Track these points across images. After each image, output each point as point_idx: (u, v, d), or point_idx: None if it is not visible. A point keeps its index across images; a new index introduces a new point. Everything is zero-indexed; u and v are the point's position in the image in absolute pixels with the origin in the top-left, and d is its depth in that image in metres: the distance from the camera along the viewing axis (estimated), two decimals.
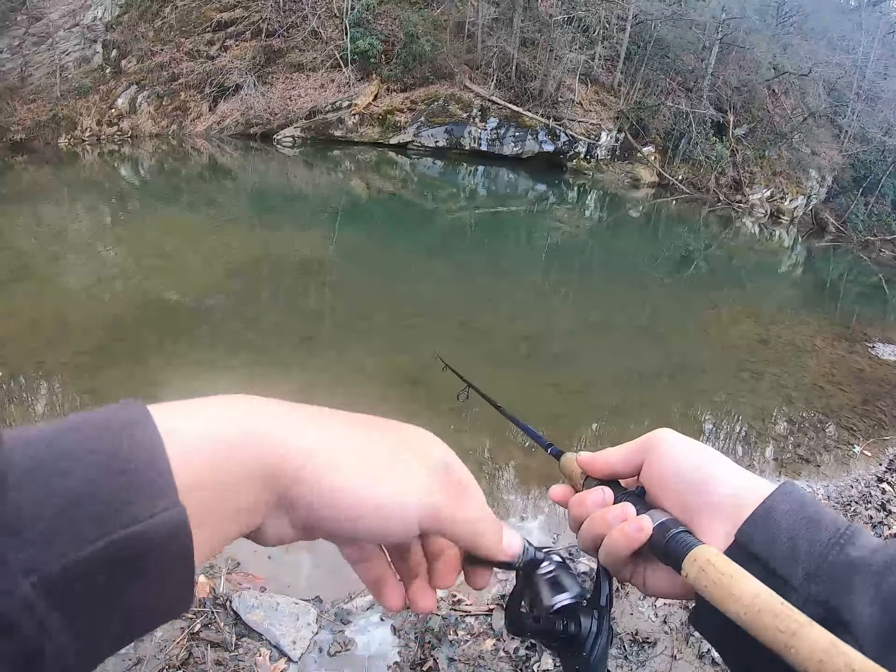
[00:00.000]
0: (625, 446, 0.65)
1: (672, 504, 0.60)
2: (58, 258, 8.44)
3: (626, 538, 0.58)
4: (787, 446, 5.79)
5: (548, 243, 13.28)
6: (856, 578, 0.49)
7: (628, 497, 0.63)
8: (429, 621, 3.02)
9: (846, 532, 0.52)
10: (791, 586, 0.51)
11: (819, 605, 0.49)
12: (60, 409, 5.14)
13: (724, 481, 0.59)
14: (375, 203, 14.65)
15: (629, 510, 0.60)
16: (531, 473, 4.61)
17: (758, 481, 0.59)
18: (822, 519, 0.54)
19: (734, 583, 0.49)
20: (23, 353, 5.64)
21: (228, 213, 12.04)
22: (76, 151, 16.52)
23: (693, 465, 0.60)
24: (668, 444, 0.63)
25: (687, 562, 0.53)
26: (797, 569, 0.51)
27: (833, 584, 0.50)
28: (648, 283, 11.08)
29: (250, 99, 18.83)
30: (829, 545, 0.52)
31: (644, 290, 10.46)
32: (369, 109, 19.34)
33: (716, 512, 0.58)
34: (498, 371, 6.06)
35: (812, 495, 0.58)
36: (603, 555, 0.60)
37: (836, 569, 0.50)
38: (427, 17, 20.51)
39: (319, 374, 5.74)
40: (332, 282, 8.57)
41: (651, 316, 9.20)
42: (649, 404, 6.19)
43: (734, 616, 0.48)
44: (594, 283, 10.37)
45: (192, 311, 6.83)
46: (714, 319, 9.36)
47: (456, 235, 12.64)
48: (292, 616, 2.96)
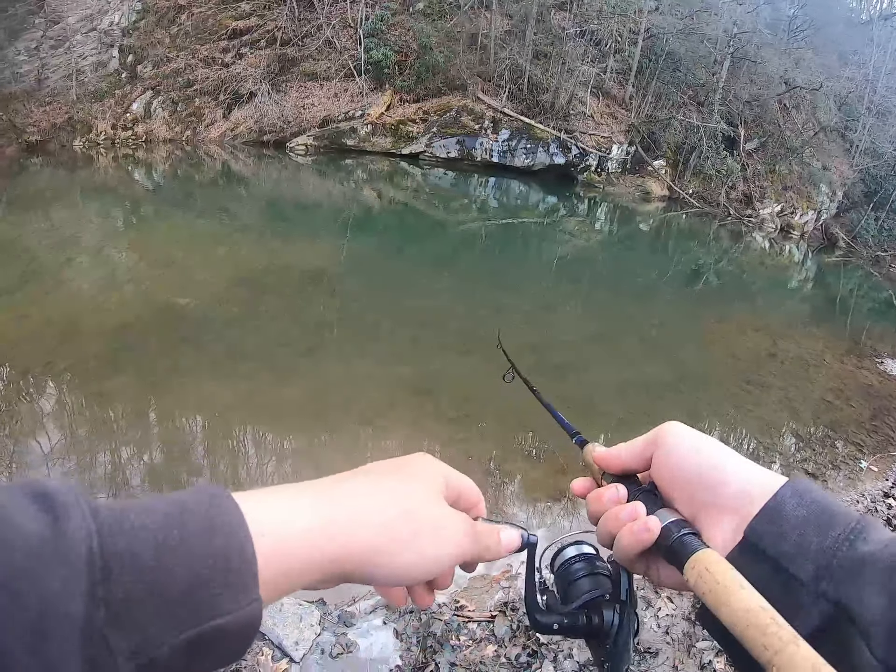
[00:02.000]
0: (635, 442, 0.67)
1: (681, 499, 0.61)
2: (70, 262, 8.49)
3: (635, 538, 0.59)
4: (793, 461, 5.77)
5: (558, 255, 13.28)
6: (865, 573, 0.49)
7: (641, 494, 0.64)
8: (431, 626, 3.03)
9: (857, 527, 0.52)
10: (800, 582, 0.51)
11: (829, 601, 0.49)
12: (69, 410, 5.16)
13: (733, 475, 0.59)
14: (387, 213, 14.70)
15: (639, 509, 0.61)
16: (536, 483, 4.61)
17: (767, 475, 0.59)
18: (833, 514, 0.53)
19: (728, 594, 0.50)
20: (34, 355, 5.69)
21: (240, 220, 12.11)
22: (90, 154, 16.67)
23: (701, 459, 0.61)
24: (676, 438, 0.63)
25: (687, 567, 0.54)
26: (807, 565, 0.51)
27: (843, 580, 0.49)
28: (657, 295, 11.07)
29: (264, 107, 18.96)
30: (840, 541, 0.51)
31: (653, 302, 10.45)
32: (382, 119, 19.43)
33: (724, 507, 0.58)
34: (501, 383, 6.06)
35: (822, 489, 0.57)
36: (616, 551, 0.62)
37: (845, 565, 0.50)
38: (441, 29, 20.63)
39: (327, 383, 5.77)
40: (341, 291, 8.60)
41: (659, 328, 9.18)
42: (654, 415, 6.16)
43: (727, 625, 0.49)
44: (603, 295, 10.36)
45: (201, 318, 6.86)
46: (722, 333, 9.33)
47: (466, 246, 12.66)
48: (296, 617, 2.98)
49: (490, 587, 3.39)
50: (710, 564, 0.53)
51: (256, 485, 4.45)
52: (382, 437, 5.10)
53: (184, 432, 5.04)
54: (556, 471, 4.67)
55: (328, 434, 5.08)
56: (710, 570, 0.52)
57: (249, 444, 5.01)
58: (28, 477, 4.22)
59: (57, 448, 4.58)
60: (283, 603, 3.03)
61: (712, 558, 0.53)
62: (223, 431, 5.05)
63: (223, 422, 5.14)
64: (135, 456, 4.66)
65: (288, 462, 4.78)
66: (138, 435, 4.85)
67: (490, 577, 3.47)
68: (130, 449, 4.71)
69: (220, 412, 5.22)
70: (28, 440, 4.69)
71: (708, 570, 0.52)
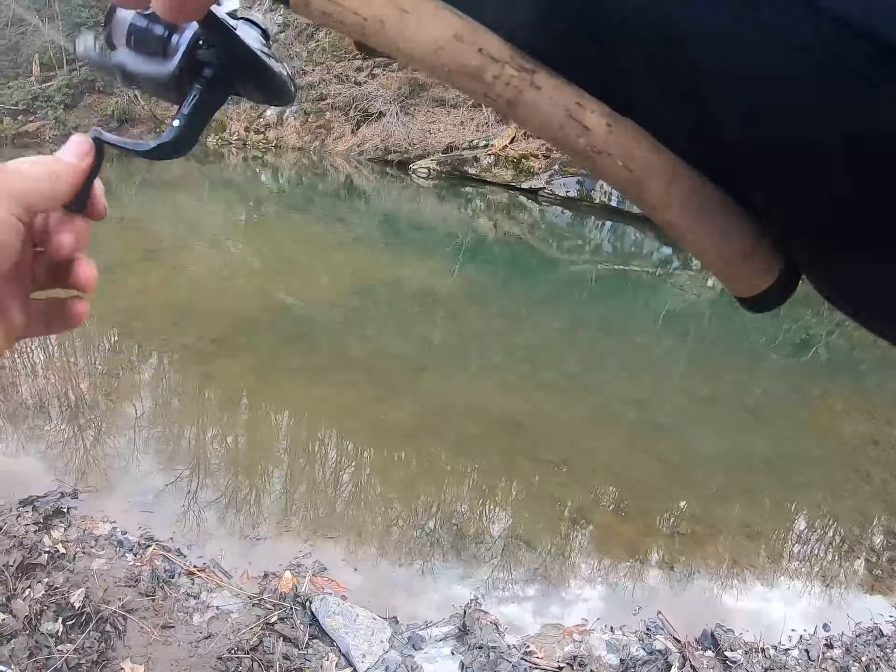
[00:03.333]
0: None
1: None
2: (190, 247, 8.79)
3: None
4: (881, 560, 5.37)
5: (666, 308, 12.97)
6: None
7: None
8: (498, 665, 2.95)
9: None
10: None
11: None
12: (176, 385, 5.31)
13: None
14: (501, 243, 14.73)
15: None
16: (617, 540, 4.42)
17: None
18: None
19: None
20: (149, 330, 5.91)
21: (357, 231, 12.40)
22: (222, 152, 17.46)
23: None
24: None
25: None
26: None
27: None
28: (763, 361, 10.63)
29: (391, 127, 19.41)
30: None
31: (758, 368, 10.03)
32: (505, 152, 19.55)
33: None
34: (602, 431, 5.91)
35: None
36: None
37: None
38: None
39: (425, 403, 5.78)
40: (448, 314, 8.62)
41: (761, 397, 8.80)
42: (744, 489, 5.87)
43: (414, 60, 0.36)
44: (707, 354, 10.04)
45: (312, 320, 7.00)
46: (825, 410, 8.86)
47: (575, 287, 12.53)
48: (368, 630, 2.96)
49: (562, 638, 3.28)
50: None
51: (329, 488, 4.51)
52: (468, 467, 5.05)
53: (274, 425, 5.14)
54: (640, 531, 4.49)
55: (414, 454, 5.08)
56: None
57: (332, 449, 5.06)
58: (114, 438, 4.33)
59: (147, 415, 4.74)
60: (359, 614, 3.03)
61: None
62: (309, 432, 5.15)
63: (312, 422, 5.26)
64: (218, 437, 4.80)
65: (365, 473, 4.81)
66: (230, 419, 4.98)
67: (563, 628, 3.35)
68: (217, 429, 4.88)
69: (313, 412, 5.34)
70: (124, 405, 4.87)
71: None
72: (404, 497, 4.50)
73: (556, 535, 4.26)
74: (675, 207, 0.37)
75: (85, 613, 2.89)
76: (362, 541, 3.80)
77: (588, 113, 0.35)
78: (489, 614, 3.27)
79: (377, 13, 0.34)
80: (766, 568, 4.38)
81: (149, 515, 3.66)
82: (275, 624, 2.94)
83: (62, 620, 2.84)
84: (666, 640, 3.31)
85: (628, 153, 0.36)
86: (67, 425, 4.55)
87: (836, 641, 3.54)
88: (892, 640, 3.60)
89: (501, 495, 4.81)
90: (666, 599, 3.72)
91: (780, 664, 3.28)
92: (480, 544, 3.93)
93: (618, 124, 0.36)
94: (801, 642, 3.51)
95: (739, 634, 3.44)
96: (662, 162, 0.36)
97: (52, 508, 3.56)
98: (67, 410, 4.79)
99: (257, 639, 2.86)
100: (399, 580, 3.49)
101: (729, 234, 0.39)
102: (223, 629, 2.90)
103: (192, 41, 0.45)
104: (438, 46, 0.34)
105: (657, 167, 0.36)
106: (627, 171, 0.36)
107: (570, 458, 5.28)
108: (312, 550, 3.55)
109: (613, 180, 0.37)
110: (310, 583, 3.23)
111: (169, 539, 3.48)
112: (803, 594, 4.15)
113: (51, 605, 2.91)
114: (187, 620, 2.95)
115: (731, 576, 4.16)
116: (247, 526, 3.73)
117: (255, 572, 3.29)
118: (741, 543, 4.53)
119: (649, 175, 0.36)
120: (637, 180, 0.37)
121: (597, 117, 0.36)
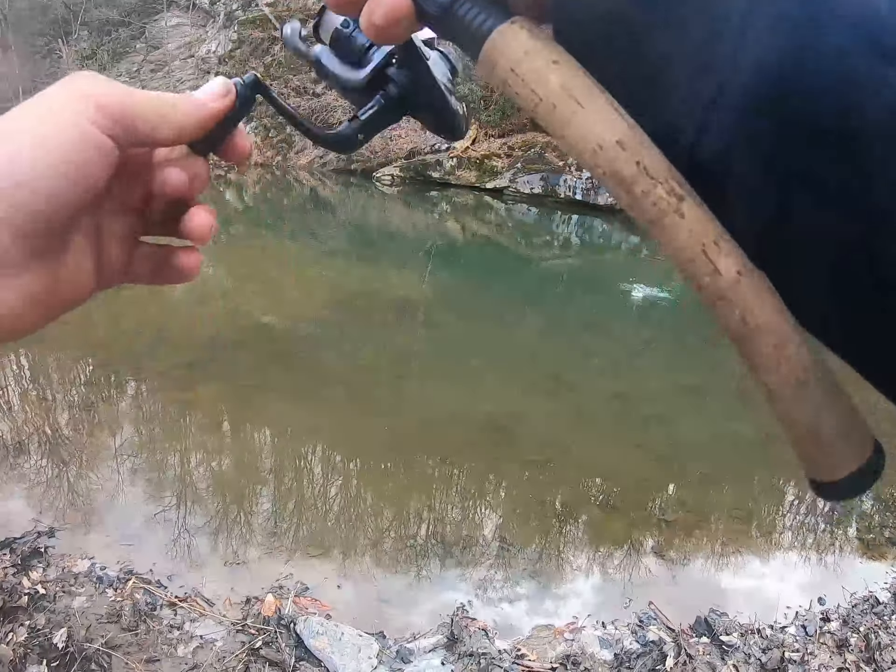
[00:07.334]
0: None
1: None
2: None
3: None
4: (872, 525, 5.40)
5: (641, 298, 13.03)
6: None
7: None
8: (490, 671, 2.92)
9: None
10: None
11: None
12: (152, 415, 5.25)
13: None
14: (470, 245, 14.76)
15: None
16: (606, 534, 4.42)
17: None
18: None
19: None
20: (123, 359, 5.84)
21: (328, 244, 12.38)
22: None
23: None
24: None
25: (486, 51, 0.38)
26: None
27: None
28: None
29: None
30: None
31: None
32: (467, 153, 19.60)
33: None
34: (587, 428, 5.91)
35: None
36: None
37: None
38: None
39: (407, 412, 5.73)
40: (425, 322, 8.60)
41: (747, 381, 8.82)
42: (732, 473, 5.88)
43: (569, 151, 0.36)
44: (688, 342, 10.07)
45: (288, 338, 6.96)
46: None
47: (548, 283, 12.55)
48: (355, 648, 2.93)
49: (553, 638, 3.25)
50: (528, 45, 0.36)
51: (319, 502, 4.47)
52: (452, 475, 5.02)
53: (256, 446, 5.09)
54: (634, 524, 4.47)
55: (396, 466, 5.03)
56: (529, 55, 0.35)
57: (317, 465, 5.00)
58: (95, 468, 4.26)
59: (127, 445, 4.69)
60: (344, 632, 2.99)
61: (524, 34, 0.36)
62: (294, 449, 5.09)
63: (296, 440, 5.19)
64: (196, 464, 4.73)
65: (345, 490, 4.74)
66: (212, 443, 4.93)
67: (554, 627, 3.33)
68: (200, 455, 4.81)
69: (296, 431, 5.27)
70: (103, 435, 4.83)
71: (527, 54, 0.35)
72: (387, 510, 4.45)
73: (543, 535, 4.24)
74: (780, 373, 0.35)
75: (69, 654, 2.82)
76: (344, 557, 3.74)
77: (723, 256, 0.34)
78: (477, 620, 3.23)
79: (552, 98, 0.35)
80: (757, 548, 4.38)
81: (128, 548, 3.59)
82: (260, 649, 2.88)
83: (46, 662, 2.77)
84: (659, 630, 3.29)
85: (750, 308, 0.34)
86: (43, 463, 4.46)
87: (833, 614, 3.55)
88: (888, 608, 3.61)
89: (487, 500, 4.79)
90: (657, 589, 3.71)
91: (777, 643, 3.27)
92: (466, 550, 3.90)
93: (750, 276, 0.34)
94: (797, 619, 3.51)
95: (734, 617, 3.43)
96: (782, 326, 0.35)
97: (30, 549, 3.49)
98: (44, 446, 4.70)
99: (243, 665, 2.80)
100: (384, 594, 3.44)
101: (828, 412, 0.37)
102: (208, 658, 2.84)
103: (386, 59, 0.51)
104: (599, 147, 0.34)
105: (774, 330, 0.35)
106: (744, 323, 0.35)
107: (554, 458, 5.26)
108: (294, 571, 3.49)
109: (724, 324, 0.36)
110: (293, 604, 3.18)
111: (149, 571, 3.41)
112: (796, 569, 4.17)
113: (34, 647, 2.84)
114: (172, 653, 2.89)
115: (722, 559, 4.16)
116: (227, 552, 3.66)
117: (237, 598, 3.23)
118: (731, 526, 4.53)
119: (764, 334, 0.35)
120: (749, 336, 0.35)
121: (731, 263, 0.34)
